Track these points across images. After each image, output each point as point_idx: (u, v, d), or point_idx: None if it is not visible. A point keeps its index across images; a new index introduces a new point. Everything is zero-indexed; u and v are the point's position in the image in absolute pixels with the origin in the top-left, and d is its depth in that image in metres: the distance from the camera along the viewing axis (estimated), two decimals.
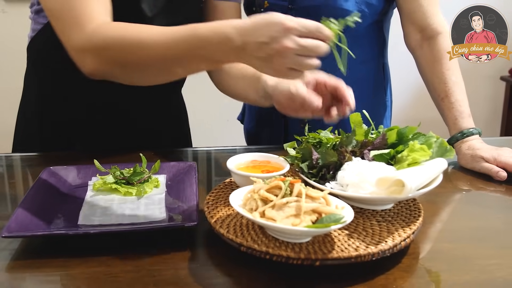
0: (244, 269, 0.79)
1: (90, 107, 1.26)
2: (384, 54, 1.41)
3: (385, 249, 0.78)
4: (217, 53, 0.87)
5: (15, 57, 2.88)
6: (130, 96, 1.25)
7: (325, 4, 1.24)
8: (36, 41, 1.23)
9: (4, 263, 0.81)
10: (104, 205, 0.97)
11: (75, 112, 1.26)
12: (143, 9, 1.14)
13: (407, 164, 0.87)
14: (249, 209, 0.80)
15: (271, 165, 1.01)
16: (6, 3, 2.76)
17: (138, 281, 0.77)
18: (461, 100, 1.25)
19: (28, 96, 1.31)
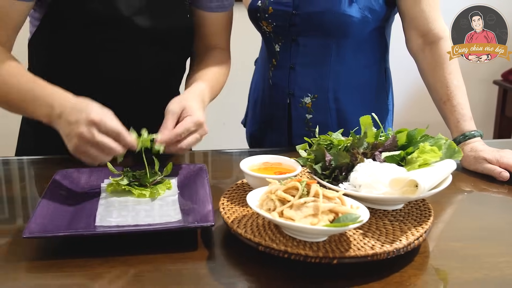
0: (262, 268, 0.81)
1: None
2: (386, 59, 1.44)
3: (400, 248, 0.80)
4: (37, 113, 1.03)
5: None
6: (126, 97, 1.27)
7: (329, 10, 1.27)
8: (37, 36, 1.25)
9: (25, 264, 0.83)
10: (119, 207, 0.98)
11: None
12: (118, 7, 1.16)
13: (418, 165, 0.89)
14: (266, 210, 0.82)
15: (282, 167, 1.03)
16: None
17: (160, 280, 0.79)
18: (463, 103, 1.28)
19: None
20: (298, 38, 1.33)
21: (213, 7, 1.30)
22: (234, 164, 1.35)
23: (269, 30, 1.37)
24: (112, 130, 0.96)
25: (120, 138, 0.97)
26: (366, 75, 1.38)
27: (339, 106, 1.37)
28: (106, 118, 0.96)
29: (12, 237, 0.92)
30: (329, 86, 1.36)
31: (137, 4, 1.19)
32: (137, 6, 1.19)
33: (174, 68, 1.35)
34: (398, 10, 1.35)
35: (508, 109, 3.18)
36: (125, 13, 1.17)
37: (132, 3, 1.18)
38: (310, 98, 1.37)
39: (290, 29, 1.33)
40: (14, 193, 1.14)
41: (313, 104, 1.37)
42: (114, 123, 0.97)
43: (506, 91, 3.17)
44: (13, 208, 1.07)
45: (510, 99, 3.17)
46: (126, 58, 1.23)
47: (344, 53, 1.33)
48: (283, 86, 1.40)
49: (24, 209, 1.08)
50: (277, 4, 1.33)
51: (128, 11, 1.18)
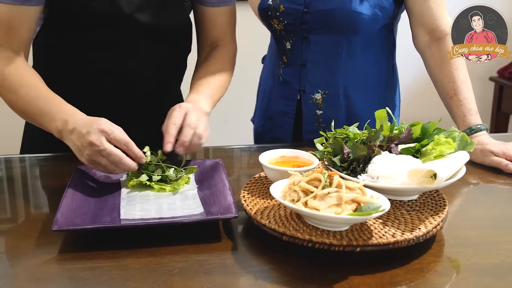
0: (286, 257, 0.84)
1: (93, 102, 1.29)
2: (393, 55, 1.47)
3: (420, 236, 0.83)
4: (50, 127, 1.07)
5: None
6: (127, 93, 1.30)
7: (340, 7, 1.30)
8: (41, 35, 1.27)
9: (55, 256, 0.85)
10: (141, 201, 1.01)
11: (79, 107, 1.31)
12: (120, 5, 1.19)
13: (433, 157, 0.92)
14: (290, 200, 0.85)
15: (299, 160, 1.06)
16: None
17: (189, 269, 0.81)
18: (469, 98, 1.31)
19: None
20: (309, 35, 1.36)
21: (215, 2, 1.32)
22: (243, 159, 1.38)
23: (280, 28, 1.40)
24: (121, 140, 1.00)
25: (129, 149, 1.01)
26: (375, 72, 1.41)
27: (349, 102, 1.40)
28: (116, 129, 1.01)
29: (38, 231, 0.94)
30: (339, 83, 1.39)
31: (137, 1, 1.21)
32: (138, 3, 1.21)
33: (174, 65, 1.37)
34: (406, 8, 1.38)
35: (504, 105, 3.23)
36: (127, 10, 1.20)
37: (133, 0, 1.20)
38: (320, 94, 1.40)
39: (301, 27, 1.36)
40: (32, 189, 1.17)
41: (324, 100, 1.40)
42: (123, 134, 1.01)
43: (502, 87, 3.23)
44: (35, 204, 1.09)
45: (506, 95, 3.22)
46: (126, 55, 1.25)
47: (354, 50, 1.36)
48: (294, 83, 1.43)
49: (45, 205, 1.10)
50: (288, 2, 1.35)
51: (129, 8, 1.20)
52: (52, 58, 1.28)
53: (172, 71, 1.37)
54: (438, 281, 0.79)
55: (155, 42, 1.26)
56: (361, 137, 1.01)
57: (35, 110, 1.10)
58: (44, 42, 1.27)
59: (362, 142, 0.99)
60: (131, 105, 1.32)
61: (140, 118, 1.34)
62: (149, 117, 1.35)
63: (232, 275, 0.80)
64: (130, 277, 0.79)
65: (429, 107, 2.23)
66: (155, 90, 1.34)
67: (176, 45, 1.31)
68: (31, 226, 0.97)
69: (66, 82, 1.26)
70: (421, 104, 2.91)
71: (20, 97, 1.11)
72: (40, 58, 1.31)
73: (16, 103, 1.12)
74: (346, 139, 1.03)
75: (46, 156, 1.32)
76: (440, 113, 1.46)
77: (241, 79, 2.01)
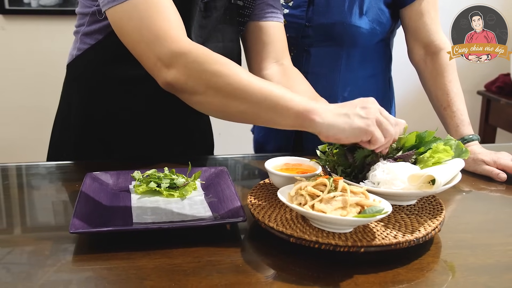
0: (294, 259, 0.88)
1: (127, 119, 1.33)
2: (389, 68, 1.53)
3: (420, 237, 0.88)
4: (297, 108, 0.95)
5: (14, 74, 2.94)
6: (164, 110, 1.33)
7: (340, 21, 1.36)
8: (81, 59, 1.30)
9: (72, 257, 0.89)
10: (151, 206, 1.05)
11: (114, 124, 1.33)
12: (191, 38, 1.17)
13: (432, 163, 0.98)
14: (297, 204, 0.90)
15: (303, 167, 1.11)
16: (5, 20, 2.80)
17: (202, 269, 0.85)
18: (462, 109, 1.38)
19: (67, 110, 1.37)
20: (310, 48, 1.42)
21: (273, 16, 1.31)
22: (245, 167, 1.43)
23: None
24: (392, 119, 0.98)
25: (397, 127, 0.98)
26: (372, 83, 1.48)
27: None
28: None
29: (55, 234, 0.98)
30: (338, 94, 1.44)
31: (205, 34, 1.22)
32: (205, 36, 1.22)
33: None
34: (402, 23, 1.44)
35: (491, 118, 3.33)
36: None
37: (201, 33, 1.20)
38: None
39: (303, 40, 1.41)
40: (47, 195, 1.20)
41: None
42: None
43: (489, 100, 3.32)
44: (48, 210, 1.13)
45: (493, 108, 3.31)
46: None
47: (352, 63, 1.42)
48: None
49: (57, 210, 1.13)
50: (291, 16, 1.41)
51: (197, 41, 1.19)
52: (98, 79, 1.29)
53: None
54: (438, 280, 0.84)
55: None
56: None
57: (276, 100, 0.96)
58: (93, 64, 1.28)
59: None
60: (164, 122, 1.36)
61: (167, 133, 1.38)
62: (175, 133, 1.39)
63: (243, 274, 0.85)
64: (146, 276, 0.83)
65: (423, 118, 2.29)
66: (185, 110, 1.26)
67: None
68: (46, 231, 1.00)
69: (106, 100, 1.30)
70: (416, 115, 2.97)
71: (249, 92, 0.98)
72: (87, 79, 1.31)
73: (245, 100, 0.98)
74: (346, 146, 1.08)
75: (54, 164, 1.36)
76: (433, 124, 1.52)
77: None
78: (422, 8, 1.37)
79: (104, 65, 1.26)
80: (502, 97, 3.22)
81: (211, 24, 1.25)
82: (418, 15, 1.38)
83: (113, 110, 1.32)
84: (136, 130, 1.35)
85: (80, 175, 1.16)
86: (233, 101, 0.99)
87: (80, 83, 1.33)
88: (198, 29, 1.22)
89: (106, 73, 1.27)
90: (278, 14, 1.32)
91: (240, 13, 1.30)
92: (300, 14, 1.40)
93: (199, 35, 1.23)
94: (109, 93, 1.30)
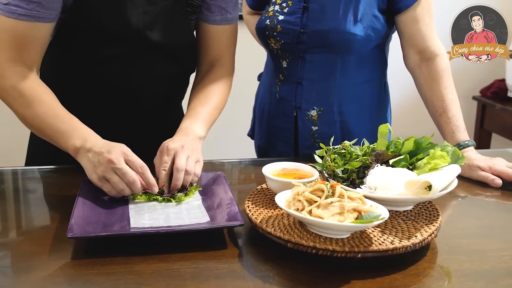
0: (291, 264, 0.89)
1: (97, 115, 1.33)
2: (385, 74, 1.54)
3: (416, 243, 0.89)
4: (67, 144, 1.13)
5: None
6: (131, 107, 1.35)
7: (335, 28, 1.37)
8: (49, 49, 1.29)
9: (70, 262, 0.89)
10: (149, 211, 1.05)
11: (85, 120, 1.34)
12: (131, 22, 1.23)
13: (428, 169, 0.98)
14: (295, 209, 0.90)
15: (300, 172, 1.11)
16: None
17: (199, 274, 0.85)
18: (457, 115, 1.38)
19: None
20: (305, 55, 1.43)
21: (218, 20, 1.36)
22: (243, 172, 1.43)
23: (277, 48, 1.46)
24: (138, 164, 1.06)
25: (144, 173, 1.06)
26: (368, 90, 1.48)
27: (343, 119, 1.47)
28: (136, 156, 1.07)
29: (51, 239, 0.97)
30: (334, 100, 1.45)
31: (147, 20, 1.26)
32: (149, 21, 1.26)
33: (178, 82, 1.42)
34: (397, 29, 1.45)
35: (487, 123, 3.35)
36: (138, 28, 1.24)
37: (143, 19, 1.25)
38: (316, 111, 1.46)
39: (298, 47, 1.42)
40: (39, 200, 1.20)
41: (319, 116, 1.47)
42: (140, 160, 1.07)
43: (485, 106, 3.34)
44: (45, 214, 1.13)
45: (488, 113, 3.33)
46: (133, 70, 1.30)
47: (348, 69, 1.43)
48: (290, 100, 1.49)
49: (54, 214, 1.12)
50: (285, 23, 1.42)
51: (140, 26, 1.25)
52: (60, 72, 1.32)
53: (176, 88, 1.42)
54: (435, 285, 0.85)
55: (162, 59, 1.31)
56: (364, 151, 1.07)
57: (52, 128, 1.15)
58: (52, 55, 1.31)
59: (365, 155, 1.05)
60: (135, 118, 1.37)
61: (143, 131, 1.38)
62: (152, 130, 1.39)
63: (240, 279, 0.85)
64: (144, 281, 0.83)
65: (418, 124, 2.31)
66: (158, 105, 1.38)
67: (182, 63, 1.36)
68: (43, 235, 1.00)
69: (73, 95, 1.30)
70: (411, 121, 3.00)
71: (36, 114, 1.15)
72: (48, 71, 1.35)
73: (32, 120, 1.16)
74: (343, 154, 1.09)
75: (51, 168, 1.36)
76: (429, 130, 1.53)
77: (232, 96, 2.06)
78: (417, 15, 1.38)
79: (60, 63, 1.30)
80: (497, 102, 3.24)
81: (155, 11, 1.27)
82: (413, 21, 1.39)
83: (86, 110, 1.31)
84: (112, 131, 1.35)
85: (77, 179, 1.16)
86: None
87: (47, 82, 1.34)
88: (141, 15, 1.25)
89: (65, 70, 1.31)
90: (223, 18, 1.36)
91: (190, 3, 1.33)
92: (295, 21, 1.41)
93: (142, 20, 1.25)
94: (77, 94, 1.31)
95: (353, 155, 1.07)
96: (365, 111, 1.50)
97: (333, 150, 1.09)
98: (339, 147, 1.10)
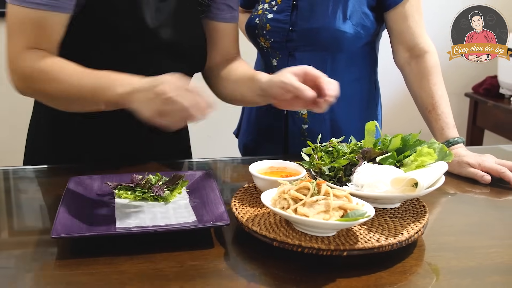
0: (276, 262, 0.88)
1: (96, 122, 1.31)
2: (375, 71, 1.54)
3: (402, 240, 0.88)
4: (112, 94, 1.06)
5: None
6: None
7: (324, 26, 1.36)
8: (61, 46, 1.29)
9: (54, 262, 0.88)
10: (135, 210, 1.04)
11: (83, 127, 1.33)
12: (145, 20, 1.21)
13: (415, 166, 0.98)
14: (280, 208, 0.90)
15: (287, 170, 1.11)
16: None
17: (184, 274, 0.85)
18: (447, 112, 1.38)
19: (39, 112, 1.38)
20: (295, 53, 1.42)
21: (228, 18, 1.36)
22: (231, 170, 1.42)
23: (267, 46, 1.45)
24: (192, 88, 0.99)
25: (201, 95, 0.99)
26: (358, 87, 1.48)
27: (333, 117, 1.46)
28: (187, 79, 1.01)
29: (37, 239, 0.97)
30: None
31: (161, 17, 1.24)
32: (162, 19, 1.24)
33: None
34: (386, 26, 1.45)
35: (479, 120, 3.35)
36: (151, 26, 1.22)
37: (157, 17, 1.23)
38: (306, 109, 1.45)
39: (287, 45, 1.41)
40: (25, 200, 1.19)
41: (309, 115, 1.46)
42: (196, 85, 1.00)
43: (477, 103, 3.34)
44: (29, 215, 1.12)
45: (480, 110, 3.34)
46: (143, 69, 1.24)
47: (338, 67, 1.42)
48: None
49: (39, 214, 1.12)
50: (275, 21, 1.41)
51: (153, 24, 1.22)
52: None
53: None
54: (421, 283, 0.84)
55: (172, 57, 1.28)
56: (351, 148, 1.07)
57: (86, 87, 1.09)
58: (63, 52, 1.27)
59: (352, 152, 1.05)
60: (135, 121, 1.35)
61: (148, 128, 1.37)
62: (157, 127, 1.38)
63: (226, 278, 0.84)
64: (128, 281, 0.83)
65: (409, 121, 2.30)
66: None
67: (192, 62, 1.34)
68: (27, 235, 0.99)
69: None
70: (402, 118, 2.99)
71: (63, 81, 1.10)
72: None
73: (60, 89, 1.10)
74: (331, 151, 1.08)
75: (37, 168, 1.35)
76: (419, 127, 1.52)
77: None
78: (406, 11, 1.37)
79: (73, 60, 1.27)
80: (489, 99, 3.24)
81: (167, 8, 1.26)
82: (402, 18, 1.38)
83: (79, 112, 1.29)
84: (105, 131, 1.34)
85: (66, 179, 1.15)
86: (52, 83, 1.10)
87: None
88: (154, 13, 1.23)
89: None
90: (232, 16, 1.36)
91: (200, 2, 1.32)
92: (284, 19, 1.40)
93: (155, 18, 1.23)
94: None
95: (340, 152, 1.07)
96: (356, 109, 1.49)
97: (320, 148, 1.09)
98: (326, 145, 1.09)
